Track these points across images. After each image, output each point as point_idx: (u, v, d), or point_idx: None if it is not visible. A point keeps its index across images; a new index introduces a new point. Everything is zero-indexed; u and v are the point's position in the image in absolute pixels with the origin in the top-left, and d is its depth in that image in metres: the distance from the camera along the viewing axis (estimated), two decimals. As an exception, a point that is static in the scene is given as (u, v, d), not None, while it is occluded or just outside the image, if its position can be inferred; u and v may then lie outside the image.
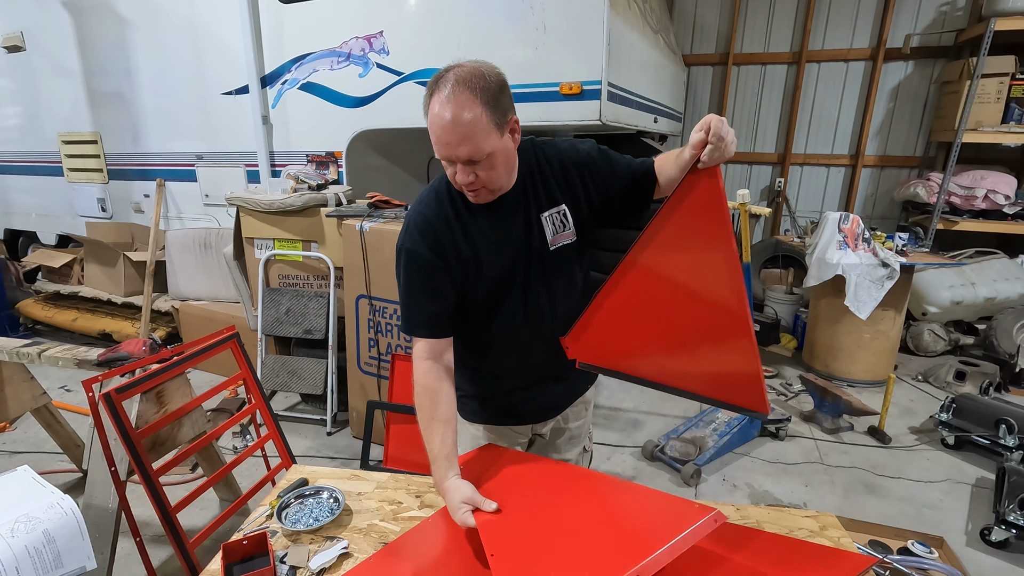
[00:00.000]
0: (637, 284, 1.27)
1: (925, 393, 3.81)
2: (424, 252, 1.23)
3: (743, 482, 2.84)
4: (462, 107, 1.07)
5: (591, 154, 1.33)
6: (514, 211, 1.27)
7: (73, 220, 5.23)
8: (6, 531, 1.20)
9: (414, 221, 1.27)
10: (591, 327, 1.34)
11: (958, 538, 2.41)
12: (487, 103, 1.09)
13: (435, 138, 1.12)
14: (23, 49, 4.84)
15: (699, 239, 1.17)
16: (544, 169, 1.30)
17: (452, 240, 1.24)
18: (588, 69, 2.93)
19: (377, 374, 3.03)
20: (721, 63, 5.76)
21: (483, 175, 1.15)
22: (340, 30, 3.52)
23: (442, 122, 1.08)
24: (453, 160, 1.13)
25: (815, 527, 1.24)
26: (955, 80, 4.63)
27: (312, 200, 3.22)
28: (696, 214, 1.15)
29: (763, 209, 3.18)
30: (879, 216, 5.52)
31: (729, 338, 1.17)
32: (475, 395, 1.47)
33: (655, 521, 1.09)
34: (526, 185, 1.28)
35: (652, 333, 1.29)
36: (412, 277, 1.26)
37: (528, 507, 1.18)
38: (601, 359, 1.37)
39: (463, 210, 1.26)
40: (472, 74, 1.09)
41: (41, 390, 2.63)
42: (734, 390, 1.21)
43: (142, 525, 1.98)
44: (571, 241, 1.33)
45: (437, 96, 1.09)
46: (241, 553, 1.16)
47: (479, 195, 1.21)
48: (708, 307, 1.19)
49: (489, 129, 1.10)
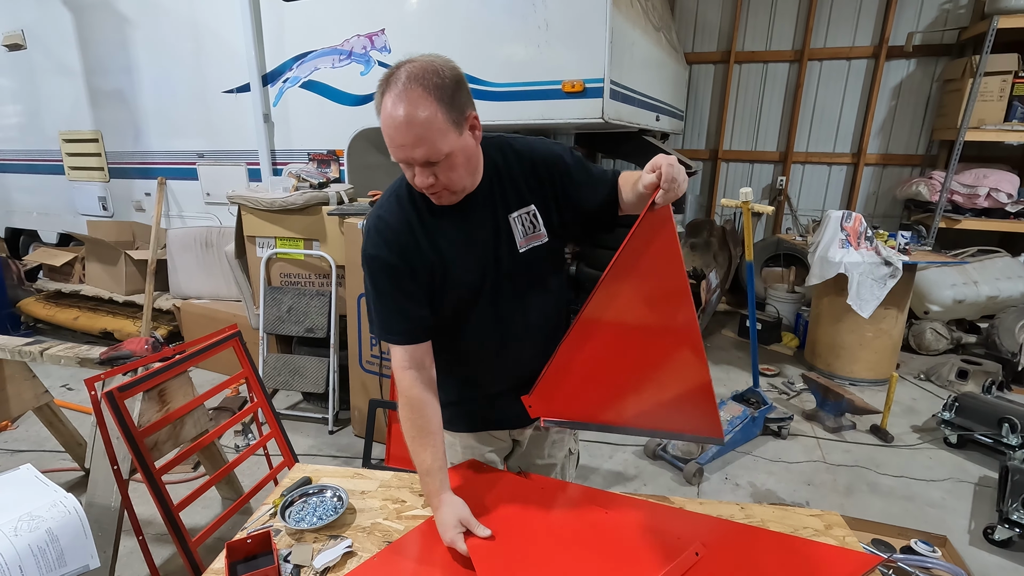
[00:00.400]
0: (598, 338, 1.25)
1: (927, 392, 3.80)
2: (388, 257, 1.17)
3: (745, 481, 2.84)
4: (415, 106, 1.00)
5: (564, 158, 1.26)
6: (480, 212, 1.20)
7: (74, 219, 5.23)
8: (9, 530, 1.20)
9: (375, 226, 1.20)
10: (553, 385, 1.31)
11: (961, 537, 2.40)
12: (442, 100, 1.02)
13: (389, 140, 1.05)
14: (24, 47, 4.83)
15: (656, 286, 1.17)
16: (512, 168, 1.23)
17: (415, 246, 1.18)
18: (590, 67, 2.93)
19: (379, 372, 3.03)
20: (723, 61, 5.75)
21: (443, 176, 1.09)
22: (342, 28, 3.52)
23: (395, 122, 1.01)
24: (410, 162, 1.07)
25: (820, 526, 1.24)
26: (958, 78, 4.62)
27: (313, 198, 3.21)
28: (654, 254, 1.14)
29: (766, 207, 3.17)
30: (881, 215, 5.51)
31: (688, 380, 1.19)
32: (449, 402, 1.38)
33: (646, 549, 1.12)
34: (492, 184, 1.21)
35: (614, 384, 1.28)
36: (381, 282, 1.20)
37: (518, 531, 1.18)
38: (564, 413, 1.35)
39: (425, 213, 1.19)
40: (425, 70, 1.02)
41: (43, 389, 2.63)
42: (692, 424, 1.24)
43: (144, 524, 1.98)
44: (542, 243, 1.26)
45: (388, 95, 1.02)
46: (245, 552, 1.16)
47: (440, 197, 1.14)
48: (667, 353, 1.20)
49: (446, 128, 1.03)
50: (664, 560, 1.07)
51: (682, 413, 1.23)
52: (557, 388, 1.32)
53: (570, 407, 1.34)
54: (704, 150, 6.06)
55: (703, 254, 5.19)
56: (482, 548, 1.12)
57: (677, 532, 1.15)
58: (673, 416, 1.25)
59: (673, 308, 1.16)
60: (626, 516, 1.22)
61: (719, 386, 3.88)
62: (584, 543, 1.15)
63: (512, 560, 1.10)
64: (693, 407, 1.21)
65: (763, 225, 5.98)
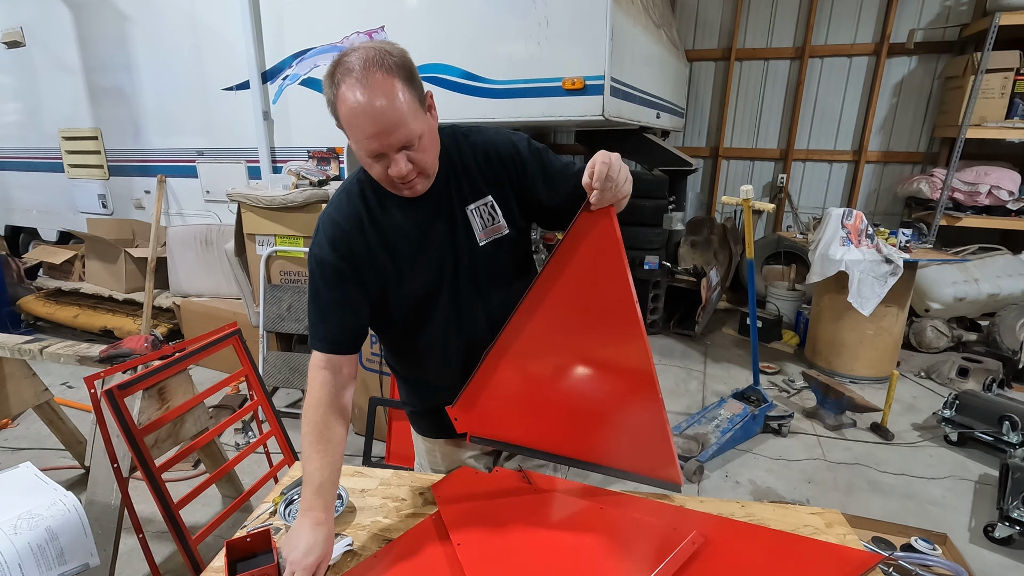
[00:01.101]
0: (530, 344, 1.16)
1: (928, 390, 3.80)
2: (332, 259, 1.11)
3: (746, 479, 2.84)
4: (383, 89, 0.94)
5: (519, 148, 1.17)
6: (436, 205, 1.14)
7: (74, 216, 5.22)
8: (8, 528, 1.20)
9: (323, 225, 1.14)
10: (481, 396, 1.22)
11: (961, 535, 2.41)
12: (405, 80, 0.97)
13: (360, 132, 0.97)
14: (23, 45, 4.82)
15: (595, 288, 1.08)
16: (467, 159, 1.16)
17: (366, 247, 1.12)
18: (591, 64, 2.92)
19: (379, 371, 3.02)
20: (723, 58, 5.74)
21: (418, 161, 1.03)
22: (341, 25, 3.51)
23: (366, 111, 0.95)
24: (386, 151, 1.00)
25: (820, 524, 1.23)
26: (959, 75, 4.60)
27: (313, 196, 3.21)
28: (591, 260, 1.07)
29: (766, 205, 3.16)
30: (882, 212, 5.50)
31: (636, 410, 1.10)
32: (424, 411, 1.37)
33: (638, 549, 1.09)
34: (448, 176, 1.15)
35: (550, 400, 1.20)
36: (319, 286, 1.14)
37: (512, 532, 1.16)
38: (494, 432, 1.26)
39: (376, 209, 1.13)
40: (377, 52, 0.96)
41: (43, 387, 2.63)
42: (643, 460, 1.15)
43: (145, 522, 1.98)
44: (503, 235, 1.19)
45: (346, 85, 0.95)
46: (245, 550, 1.16)
47: (415, 185, 1.07)
48: (611, 377, 1.11)
49: (415, 107, 0.99)
50: (662, 554, 1.06)
51: (630, 448, 1.14)
52: (484, 402, 1.23)
53: (500, 426, 1.25)
54: (705, 147, 6.05)
55: (703, 252, 5.18)
56: (474, 550, 1.11)
57: (676, 528, 1.15)
58: (619, 451, 1.16)
59: (616, 326, 1.08)
60: (625, 513, 1.21)
61: (719, 383, 3.88)
62: (581, 541, 1.13)
63: (505, 561, 1.09)
64: (642, 442, 1.12)
65: (764, 223, 5.98)
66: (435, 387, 1.32)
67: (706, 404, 3.50)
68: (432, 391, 1.34)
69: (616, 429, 1.17)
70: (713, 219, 5.39)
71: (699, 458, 2.84)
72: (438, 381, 1.31)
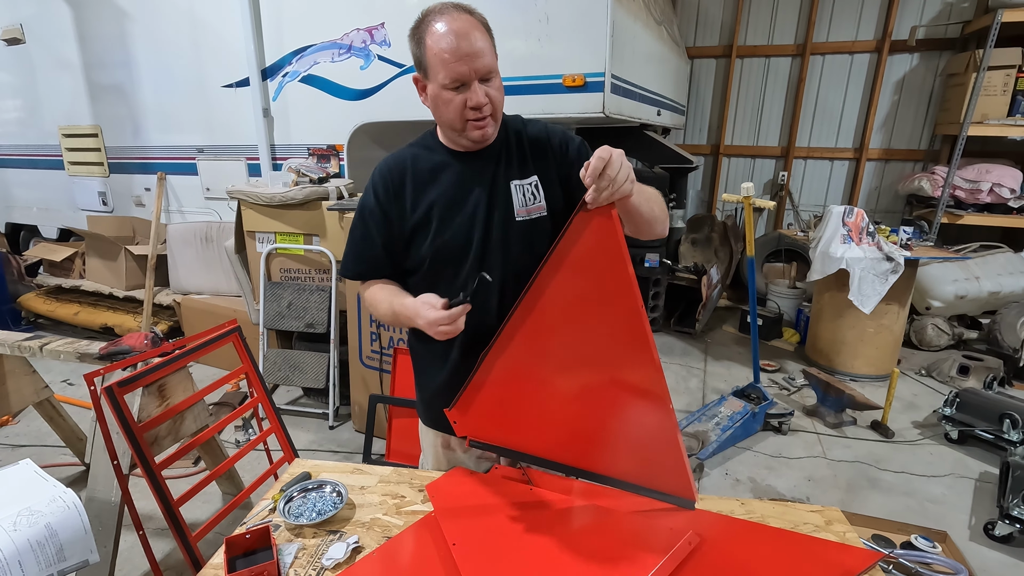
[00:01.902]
0: (526, 348, 1.14)
1: (928, 388, 3.80)
2: (370, 198, 1.26)
3: (746, 476, 2.84)
4: (470, 23, 1.10)
5: (570, 146, 1.27)
6: (480, 173, 1.23)
7: (74, 214, 5.22)
8: (8, 525, 1.20)
9: (376, 173, 1.28)
10: (478, 399, 1.20)
11: (962, 533, 2.40)
12: (485, 28, 1.13)
13: (450, 56, 1.08)
14: (22, 42, 4.82)
15: (596, 291, 1.06)
16: (522, 138, 1.26)
17: (400, 187, 1.23)
18: (591, 61, 2.91)
19: (379, 368, 3.03)
20: (724, 55, 5.72)
21: (493, 96, 1.14)
22: (341, 22, 3.50)
23: (457, 38, 1.08)
24: (470, 76, 1.10)
25: (820, 522, 1.23)
26: (961, 72, 4.59)
27: (313, 193, 3.20)
28: (588, 263, 1.05)
29: (767, 203, 3.15)
30: (883, 210, 5.49)
31: (641, 407, 1.07)
32: (433, 393, 1.39)
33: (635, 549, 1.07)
34: (503, 146, 1.25)
35: (552, 408, 1.17)
36: (356, 221, 1.29)
37: (504, 535, 1.15)
38: (494, 436, 1.24)
39: (424, 158, 1.25)
40: (462, 4, 1.14)
41: (43, 384, 2.63)
42: (654, 472, 1.12)
43: (144, 519, 1.98)
44: (542, 215, 1.24)
45: (438, 22, 1.10)
46: (244, 547, 1.16)
47: (487, 126, 1.16)
48: (615, 376, 1.08)
49: (492, 50, 1.13)
50: (660, 553, 1.06)
51: (640, 461, 1.12)
52: (481, 405, 1.21)
53: (499, 431, 1.23)
54: (705, 145, 6.04)
55: (704, 250, 5.18)
56: (469, 551, 1.10)
57: (674, 527, 1.14)
58: (628, 464, 1.13)
59: (622, 337, 1.04)
60: (622, 512, 1.20)
61: (719, 381, 3.88)
62: (577, 540, 1.12)
63: (500, 561, 1.08)
64: (653, 456, 1.09)
65: (764, 220, 5.97)
66: (445, 356, 1.32)
67: (706, 402, 3.50)
68: (443, 361, 1.33)
69: (623, 441, 1.14)
70: (714, 217, 5.38)
71: (699, 456, 2.84)
72: (457, 360, 1.31)
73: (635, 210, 1.11)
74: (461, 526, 1.18)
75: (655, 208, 1.18)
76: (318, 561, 1.13)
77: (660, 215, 1.22)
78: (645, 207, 1.14)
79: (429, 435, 1.49)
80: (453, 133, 1.20)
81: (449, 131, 1.21)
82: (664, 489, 1.17)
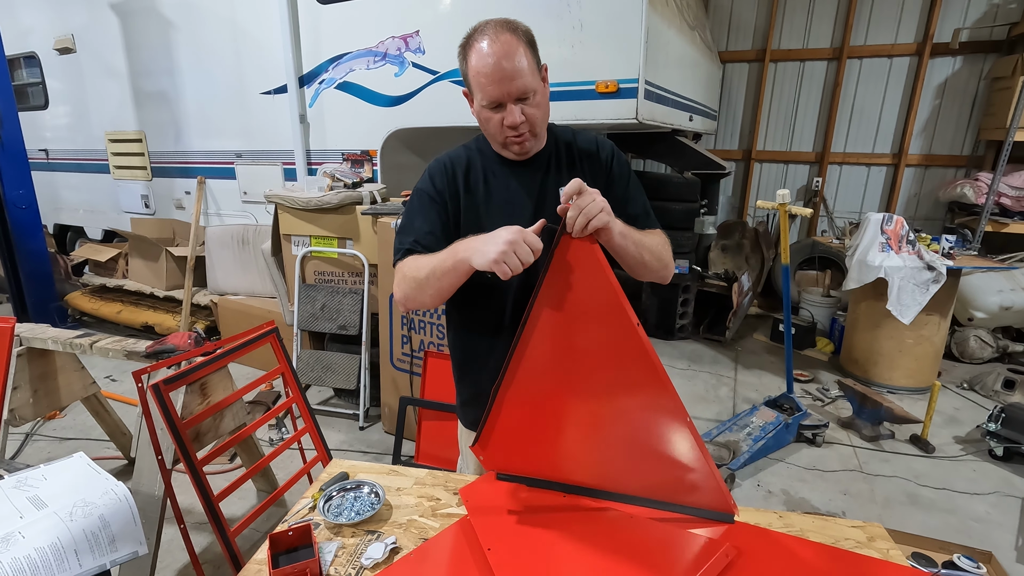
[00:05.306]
0: (537, 374, 1.15)
1: (971, 402, 3.67)
2: (427, 186, 1.29)
3: (778, 488, 2.78)
4: (510, 45, 1.12)
5: (613, 161, 1.33)
6: (532, 175, 1.28)
7: (118, 216, 5.43)
8: (65, 515, 1.25)
9: (433, 164, 1.32)
10: (498, 431, 1.21)
11: (1008, 553, 2.31)
12: (527, 43, 1.16)
13: (486, 80, 1.13)
14: (73, 51, 5.03)
15: (589, 314, 1.08)
16: (572, 150, 1.32)
17: (452, 183, 1.27)
18: (625, 67, 2.91)
19: (409, 371, 3.06)
20: (758, 60, 5.64)
21: (530, 114, 1.17)
22: (377, 30, 3.57)
23: (494, 60, 1.11)
24: (505, 98, 1.14)
25: (862, 538, 1.20)
26: (1007, 76, 4.44)
27: (348, 198, 3.27)
28: (579, 285, 1.07)
29: (804, 210, 3.10)
30: (922, 217, 5.33)
31: (657, 424, 1.08)
32: (474, 393, 1.41)
33: (670, 560, 1.07)
34: (552, 154, 1.30)
35: (571, 435, 1.18)
36: (411, 204, 1.31)
37: (538, 542, 1.15)
38: (521, 468, 1.26)
39: (478, 159, 1.29)
40: (507, 22, 1.16)
41: (91, 379, 2.73)
42: (686, 487, 1.12)
43: (184, 513, 2.04)
44: None
45: (480, 42, 1.13)
46: (287, 544, 1.18)
47: (524, 142, 1.21)
48: (622, 390, 1.09)
49: (533, 67, 1.16)
50: (697, 564, 1.05)
51: (668, 477, 1.12)
52: (501, 438, 1.23)
53: (525, 461, 1.24)
54: (737, 150, 5.96)
55: (735, 256, 5.10)
56: (504, 556, 1.10)
57: (711, 538, 1.13)
58: (656, 480, 1.14)
59: (619, 351, 1.05)
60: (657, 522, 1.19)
61: (750, 390, 3.81)
62: (611, 550, 1.12)
63: (535, 568, 1.08)
64: (679, 470, 1.09)
65: (798, 227, 5.85)
66: (487, 343, 1.35)
67: (737, 411, 3.44)
68: (483, 362, 1.36)
69: (648, 460, 1.15)
70: (745, 223, 5.30)
71: (730, 466, 2.80)
72: (488, 331, 1.34)
73: (622, 251, 1.14)
74: (496, 531, 1.19)
75: (645, 255, 1.19)
76: (357, 560, 1.16)
77: (651, 262, 1.22)
78: (632, 250, 1.15)
79: (469, 438, 1.51)
80: (497, 145, 1.28)
81: (494, 143, 1.28)
82: (700, 504, 1.16)
